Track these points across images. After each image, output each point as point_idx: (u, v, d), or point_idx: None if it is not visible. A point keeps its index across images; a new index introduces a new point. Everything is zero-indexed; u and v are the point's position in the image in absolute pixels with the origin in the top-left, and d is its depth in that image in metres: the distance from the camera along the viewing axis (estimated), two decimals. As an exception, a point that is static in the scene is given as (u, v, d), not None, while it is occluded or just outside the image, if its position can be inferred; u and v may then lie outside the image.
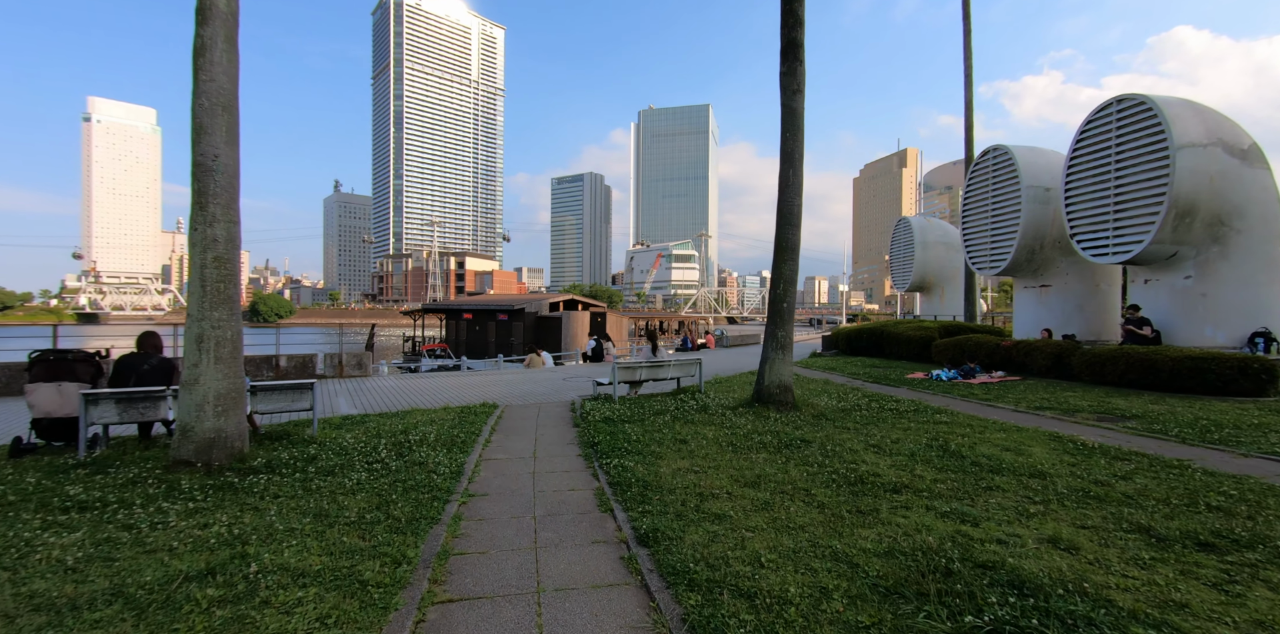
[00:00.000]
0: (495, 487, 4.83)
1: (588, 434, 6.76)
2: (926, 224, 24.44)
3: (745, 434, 6.37)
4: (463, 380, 12.76)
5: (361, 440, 6.05)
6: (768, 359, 7.98)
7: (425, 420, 7.45)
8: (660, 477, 4.80)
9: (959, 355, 14.11)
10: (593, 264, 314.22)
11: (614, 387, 9.15)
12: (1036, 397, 9.50)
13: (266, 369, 11.80)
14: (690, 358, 10.09)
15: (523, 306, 31.86)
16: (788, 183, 7.97)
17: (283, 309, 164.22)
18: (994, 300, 61.70)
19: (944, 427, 6.86)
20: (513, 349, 32.02)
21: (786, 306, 7.97)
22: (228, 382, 4.80)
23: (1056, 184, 13.50)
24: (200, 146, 4.73)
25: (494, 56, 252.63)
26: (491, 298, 45.05)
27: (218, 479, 4.50)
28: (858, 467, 4.98)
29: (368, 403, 9.51)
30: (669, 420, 7.28)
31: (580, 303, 36.70)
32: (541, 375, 13.77)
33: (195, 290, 4.72)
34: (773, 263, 8.11)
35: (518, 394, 10.67)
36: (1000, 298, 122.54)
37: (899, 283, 25.59)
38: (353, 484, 4.52)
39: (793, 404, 7.86)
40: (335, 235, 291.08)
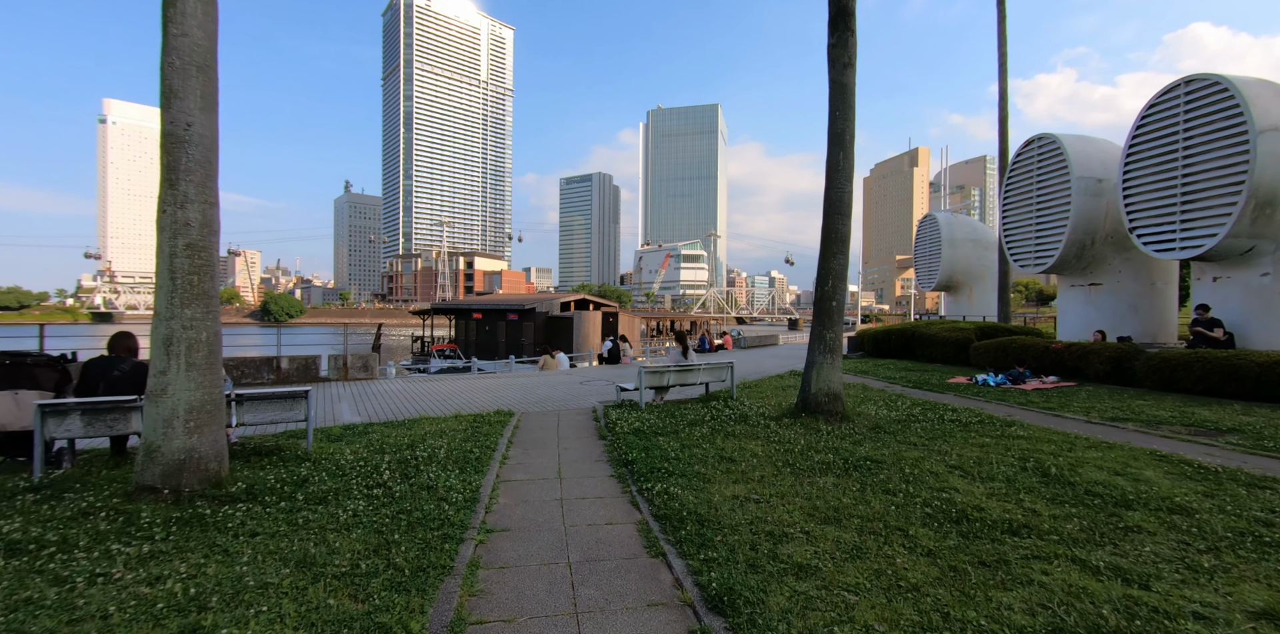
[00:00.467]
0: (517, 518, 4.04)
1: (618, 449, 5.96)
2: (954, 220, 23.43)
3: (800, 451, 5.55)
4: (474, 384, 12.02)
5: (362, 457, 5.29)
6: (814, 364, 7.15)
7: (434, 431, 6.69)
8: (715, 507, 3.99)
9: (1001, 358, 13.19)
10: (601, 264, 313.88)
11: (640, 393, 8.36)
12: (1104, 405, 8.59)
13: (267, 371, 11.12)
14: (721, 361, 9.28)
15: (533, 306, 31.16)
16: (837, 167, 7.13)
17: (293, 309, 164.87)
18: (1010, 301, 60.68)
19: (1023, 442, 6.00)
20: (523, 350, 31.33)
21: (836, 305, 7.14)
22: (202, 392, 4.05)
23: (1110, 175, 12.55)
24: (170, 113, 3.99)
25: (503, 57, 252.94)
26: (501, 297, 44.43)
27: (186, 510, 3.75)
28: (950, 496, 4.15)
29: (372, 409, 8.78)
30: (707, 433, 6.47)
31: (592, 302, 35.96)
32: (557, 378, 13.01)
33: (163, 284, 3.98)
34: (820, 256, 7.28)
35: (534, 399, 9.91)
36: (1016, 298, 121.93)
37: (924, 282, 24.60)
38: (348, 517, 3.76)
39: (843, 414, 7.02)
40: (346, 235, 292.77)
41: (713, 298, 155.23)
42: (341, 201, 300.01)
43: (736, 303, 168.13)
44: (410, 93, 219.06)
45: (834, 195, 7.17)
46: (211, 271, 4.12)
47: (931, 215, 23.81)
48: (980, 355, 13.99)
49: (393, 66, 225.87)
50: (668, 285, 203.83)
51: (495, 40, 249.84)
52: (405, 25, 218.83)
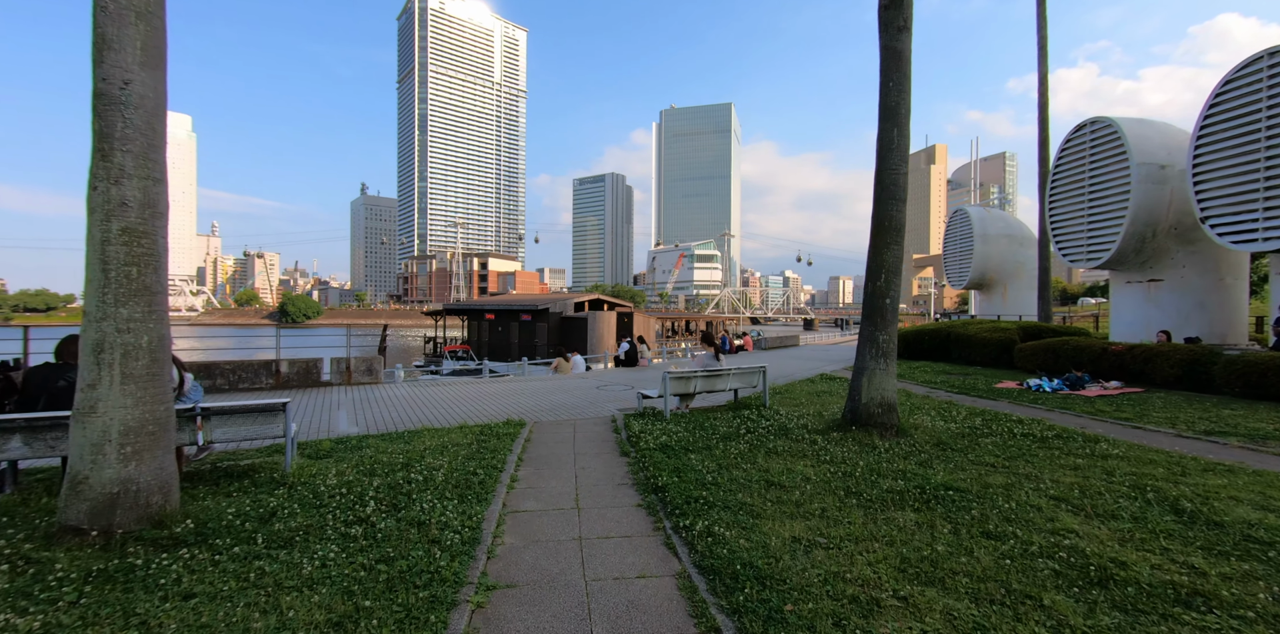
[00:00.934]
0: (526, 568, 3.24)
1: (644, 469, 5.14)
2: (987, 215, 22.27)
3: (861, 475, 4.68)
4: (483, 389, 11.29)
5: (347, 481, 4.52)
6: (865, 370, 6.26)
7: (435, 446, 5.92)
8: (774, 555, 3.16)
9: (1051, 361, 12.15)
10: (614, 264, 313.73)
11: (665, 401, 7.54)
12: (1188, 416, 7.59)
13: (266, 376, 10.47)
14: (753, 366, 8.42)
15: (546, 307, 30.47)
16: (891, 145, 6.25)
17: (310, 310, 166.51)
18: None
19: (1122, 464, 5.07)
20: (536, 351, 30.64)
21: (889, 303, 6.25)
22: (142, 409, 3.30)
23: (1175, 160, 11.47)
24: (103, 68, 3.26)
25: (516, 59, 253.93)
26: (514, 297, 43.86)
27: (113, 559, 3.00)
28: (1074, 543, 3.27)
29: (372, 418, 8.06)
30: (746, 450, 5.62)
31: (606, 302, 35.19)
32: (572, 383, 12.24)
33: (93, 277, 3.24)
34: (870, 248, 6.40)
35: (547, 406, 9.13)
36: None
37: (954, 280, 23.45)
38: (314, 568, 2.98)
39: (898, 427, 6.14)
40: (362, 237, 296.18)
41: (726, 298, 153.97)
42: (358, 204, 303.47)
43: (750, 303, 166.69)
44: (425, 95, 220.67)
45: (887, 177, 6.28)
46: (156, 263, 3.39)
47: (963, 210, 22.67)
48: (1027, 358, 12.95)
49: (408, 69, 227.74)
50: (681, 285, 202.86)
51: (508, 42, 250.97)
52: (420, 28, 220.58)
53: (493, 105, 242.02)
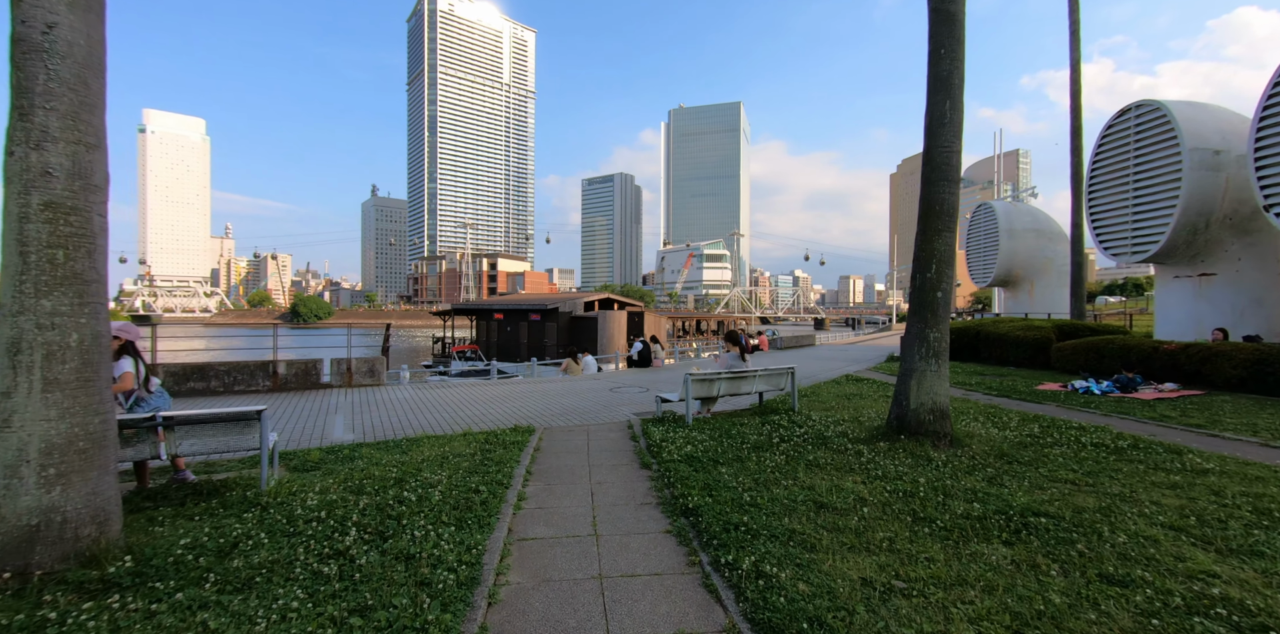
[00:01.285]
0: (535, 620, 2.61)
1: (669, 485, 4.50)
2: (1013, 209, 21.41)
3: (925, 494, 4.01)
4: (491, 391, 10.71)
5: (330, 500, 3.92)
6: (914, 372, 5.59)
7: (434, 457, 5.33)
8: (846, 607, 2.51)
9: (1094, 361, 11.37)
10: (623, 264, 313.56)
11: (686, 405, 6.90)
12: (1268, 422, 6.84)
13: (263, 377, 9.95)
14: (780, 367, 7.76)
15: (556, 306, 29.94)
16: (943, 119, 5.57)
17: (321, 311, 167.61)
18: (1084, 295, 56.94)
19: (1226, 481, 4.36)
20: (546, 351, 30.11)
21: (941, 296, 5.57)
22: (70, 422, 2.72)
23: (1231, 145, 10.66)
24: (21, 7, 2.68)
25: (525, 59, 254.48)
26: (523, 297, 43.39)
27: (21, 611, 2.41)
28: (1225, 591, 2.59)
29: (371, 424, 7.49)
30: (783, 462, 4.97)
31: (616, 302, 34.61)
32: (583, 385, 11.63)
33: (10, 262, 2.66)
34: (918, 235, 5.73)
35: (558, 410, 8.52)
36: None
37: (977, 277, 22.59)
38: (270, 624, 2.38)
39: (952, 436, 5.46)
40: (373, 238, 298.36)
41: (736, 297, 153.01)
42: (369, 205, 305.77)
43: (760, 302, 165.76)
44: (434, 97, 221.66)
45: (938, 156, 5.60)
46: (89, 246, 2.81)
47: (987, 205, 21.82)
48: (1066, 358, 12.17)
49: (417, 71, 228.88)
50: (690, 285, 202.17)
51: (517, 43, 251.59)
52: (429, 30, 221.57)
53: (501, 106, 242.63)
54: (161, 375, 9.12)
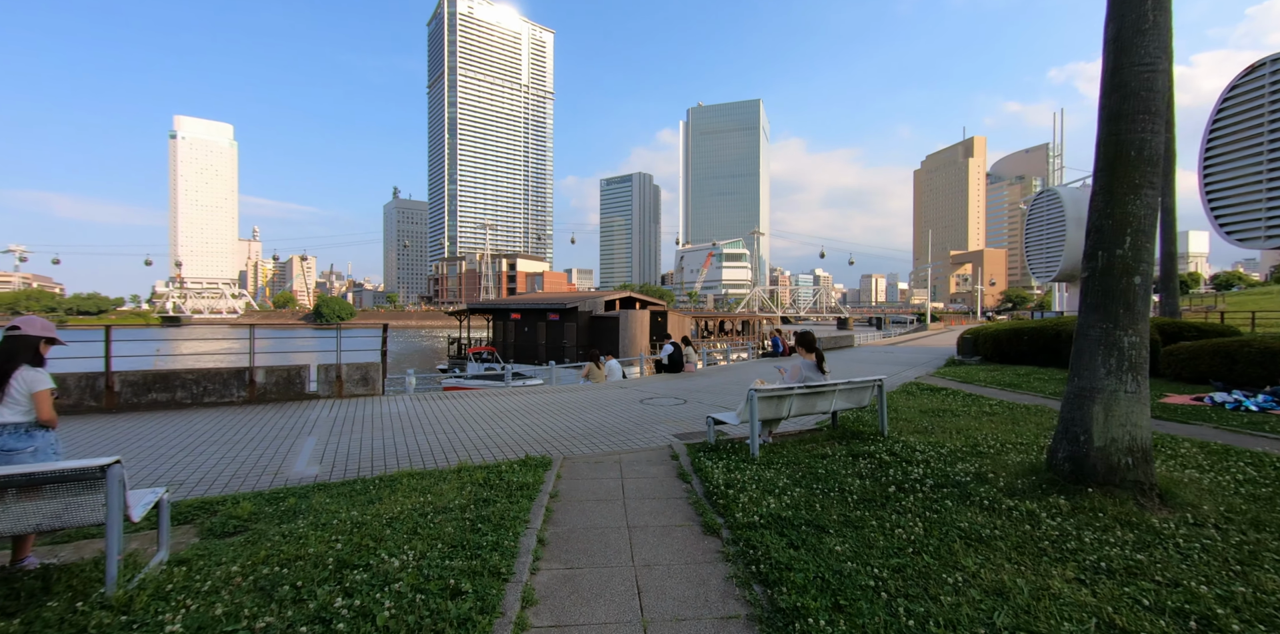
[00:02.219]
0: None
1: (762, 580, 2.83)
2: (1082, 195, 19.24)
3: (1222, 618, 2.30)
4: (503, 402, 9.17)
5: (212, 616, 2.37)
6: (1097, 392, 3.84)
7: (409, 512, 3.73)
8: None
9: (1224, 367, 9.40)
10: (642, 264, 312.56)
11: (752, 432, 5.22)
12: None
13: (238, 387, 8.54)
14: (865, 379, 6.04)
15: (575, 305, 28.45)
16: (1141, 23, 3.81)
17: (344, 311, 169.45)
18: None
19: None
20: (565, 352, 28.64)
21: (1139, 283, 3.82)
22: None
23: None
24: None
25: (543, 60, 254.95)
26: (541, 296, 42.02)
27: None
28: None
29: (347, 450, 5.96)
30: (921, 532, 3.26)
31: (638, 301, 33.03)
32: (608, 394, 10.04)
33: None
34: (1097, 195, 3.98)
35: (579, 429, 6.92)
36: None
37: (1039, 272, 20.45)
38: None
39: (1157, 488, 3.71)
40: (394, 240, 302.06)
41: (757, 297, 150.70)
42: (390, 207, 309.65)
43: (781, 302, 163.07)
44: (454, 99, 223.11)
45: (1133, 78, 3.84)
46: None
47: (1052, 191, 19.67)
48: (1182, 363, 10.20)
49: (437, 74, 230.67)
50: (710, 284, 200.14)
51: (535, 44, 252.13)
52: (449, 33, 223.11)
53: (520, 107, 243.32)
54: (119, 386, 7.75)
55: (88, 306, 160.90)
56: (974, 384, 10.96)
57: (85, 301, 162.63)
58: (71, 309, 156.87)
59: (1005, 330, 15.25)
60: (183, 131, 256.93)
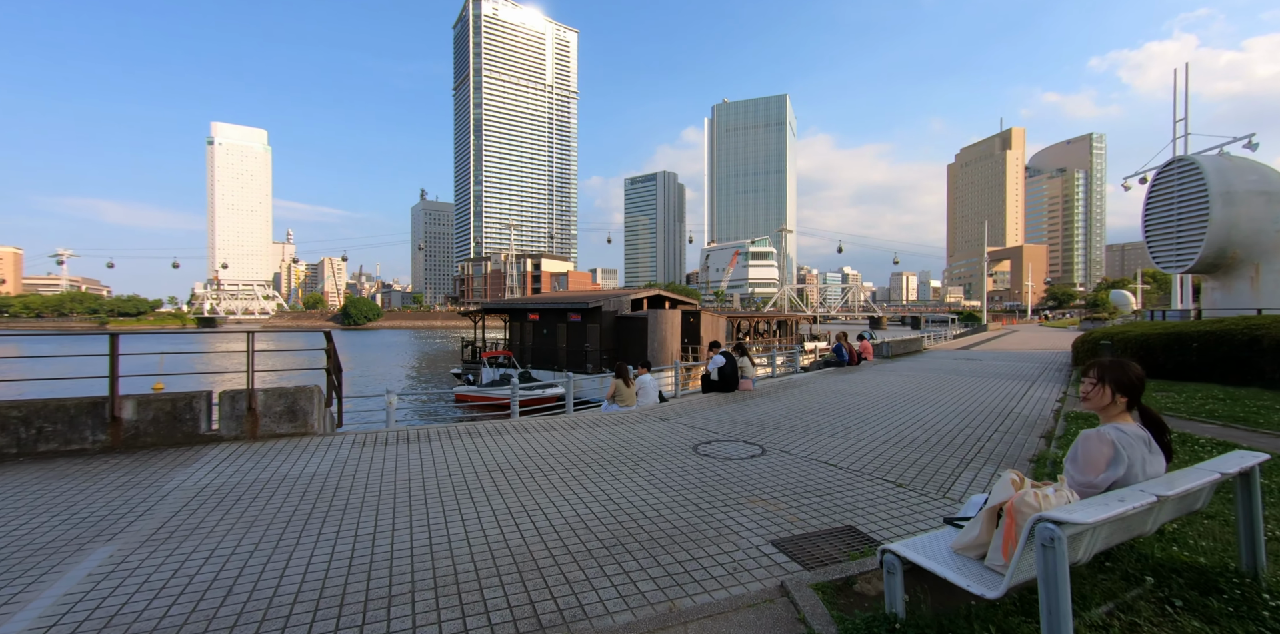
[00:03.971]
0: None
1: None
2: (1229, 165, 15.38)
3: None
4: (485, 452, 6.18)
5: None
6: None
7: None
8: None
9: None
10: (667, 263, 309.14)
11: (1054, 609, 2.04)
12: None
13: (94, 425, 5.71)
14: (1218, 468, 2.85)
15: (599, 304, 25.43)
16: None
17: (371, 312, 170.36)
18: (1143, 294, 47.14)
19: None
20: (587, 357, 25.69)
21: None
22: None
23: None
24: None
25: (567, 60, 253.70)
26: (561, 295, 39.19)
27: None
28: None
29: (132, 595, 3.02)
30: None
31: (668, 299, 29.87)
32: (646, 433, 6.93)
33: None
34: None
35: (600, 525, 3.81)
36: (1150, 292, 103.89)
37: (1168, 260, 16.60)
38: None
39: None
40: (422, 241, 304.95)
41: (785, 296, 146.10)
42: (418, 209, 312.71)
43: (810, 301, 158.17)
44: (480, 101, 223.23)
45: None
46: None
47: (1189, 161, 15.82)
48: None
49: (463, 76, 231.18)
50: (736, 283, 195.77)
51: (559, 44, 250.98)
52: (474, 35, 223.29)
53: (544, 107, 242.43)
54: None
55: (128, 308, 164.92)
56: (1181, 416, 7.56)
57: (125, 303, 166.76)
58: (113, 311, 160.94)
59: (1158, 335, 11.65)
60: (220, 137, 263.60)
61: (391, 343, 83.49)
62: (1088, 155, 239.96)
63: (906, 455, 5.62)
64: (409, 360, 52.27)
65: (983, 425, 7.25)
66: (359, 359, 51.32)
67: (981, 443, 6.25)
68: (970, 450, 5.88)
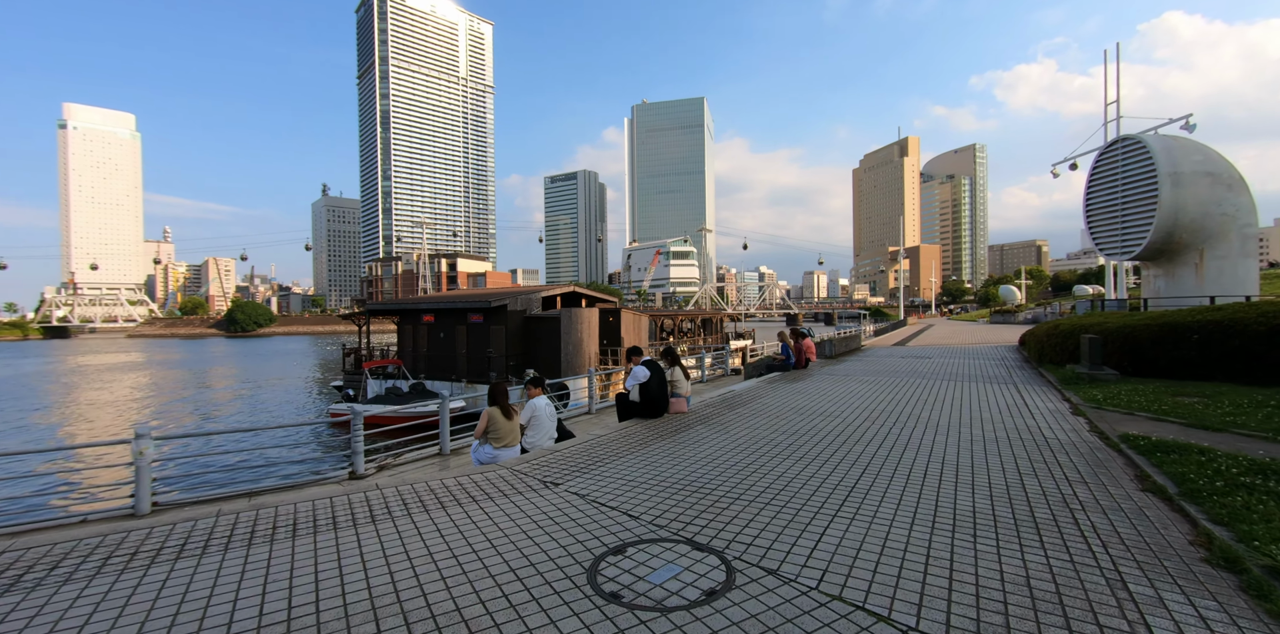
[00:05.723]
0: None
1: None
2: (1176, 146, 14.47)
3: None
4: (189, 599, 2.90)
5: None
6: None
7: None
8: None
9: None
10: (589, 264, 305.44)
11: None
12: None
13: None
14: None
15: (504, 303, 21.84)
16: None
17: (262, 317, 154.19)
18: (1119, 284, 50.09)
19: None
20: (490, 364, 22.03)
21: None
22: None
23: None
24: None
25: (482, 53, 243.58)
26: (461, 293, 34.89)
27: None
28: None
29: None
30: None
31: (585, 296, 26.74)
32: (502, 529, 3.87)
33: None
34: None
35: None
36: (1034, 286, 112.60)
37: (1112, 246, 15.60)
38: None
39: None
40: (325, 240, 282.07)
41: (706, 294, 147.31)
42: (319, 206, 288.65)
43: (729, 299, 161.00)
44: (387, 91, 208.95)
45: None
46: None
47: (1136, 140, 14.80)
48: None
49: (368, 65, 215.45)
50: (658, 283, 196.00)
51: (474, 36, 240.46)
52: (379, 21, 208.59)
53: (459, 101, 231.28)
54: None
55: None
56: (1210, 430, 5.54)
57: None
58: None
59: (1145, 327, 10.01)
60: (74, 121, 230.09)
61: (281, 351, 74.24)
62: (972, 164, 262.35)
63: (991, 564, 2.93)
64: (292, 371, 45.45)
65: (1032, 467, 4.79)
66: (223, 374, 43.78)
67: (1078, 509, 3.72)
68: (1085, 536, 3.29)
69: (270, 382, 37.60)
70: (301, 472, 10.64)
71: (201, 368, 49.24)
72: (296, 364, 53.06)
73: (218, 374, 43.55)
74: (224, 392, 33.13)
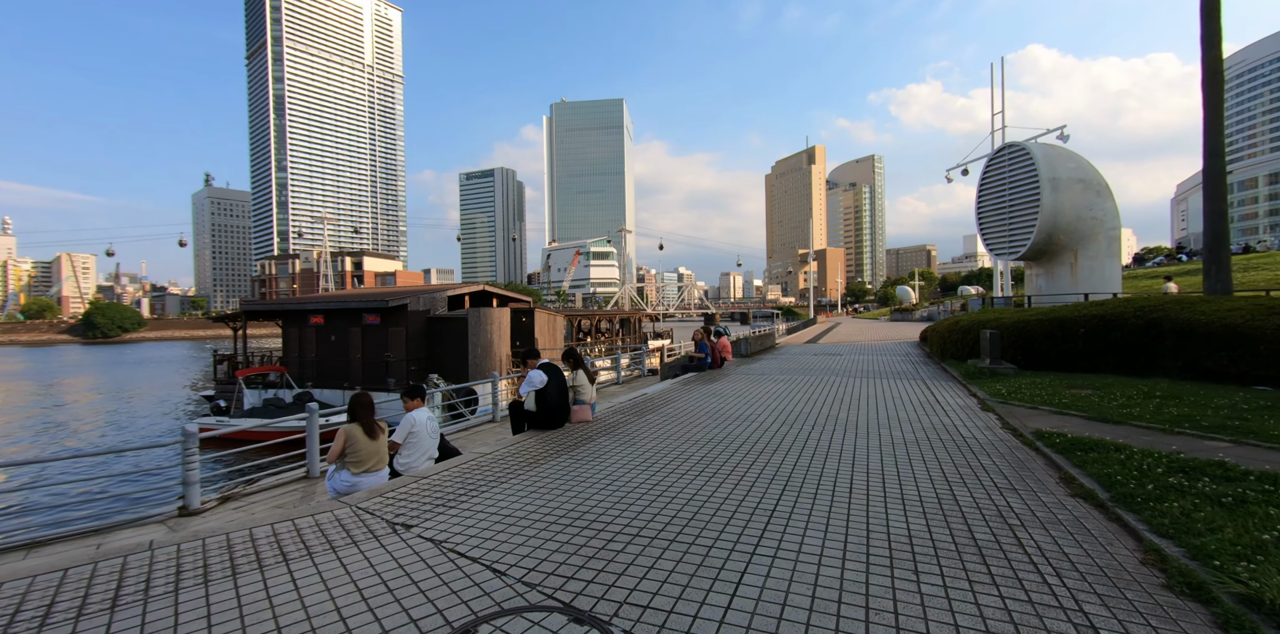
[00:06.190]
0: None
1: None
2: (1054, 154, 15.54)
3: None
4: None
5: None
6: None
7: None
8: None
9: None
10: (507, 264, 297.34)
11: None
12: None
13: None
14: None
15: (404, 303, 19.99)
16: None
17: (128, 321, 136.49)
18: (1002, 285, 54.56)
19: None
20: (389, 370, 20.11)
21: None
22: None
23: None
24: None
25: (390, 40, 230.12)
26: (355, 292, 32.09)
27: None
28: None
29: None
30: None
31: (496, 296, 25.24)
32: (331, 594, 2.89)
33: None
34: None
35: None
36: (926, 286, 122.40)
37: (1000, 246, 16.56)
38: None
39: None
40: (208, 235, 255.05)
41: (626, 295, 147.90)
42: (201, 197, 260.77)
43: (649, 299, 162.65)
44: (281, 74, 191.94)
45: None
46: None
47: (1021, 147, 15.76)
48: None
49: (258, 44, 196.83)
50: (578, 283, 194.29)
51: (381, 21, 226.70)
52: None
53: (364, 90, 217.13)
54: None
55: None
56: (1092, 421, 5.55)
57: None
58: None
59: (1037, 322, 10.41)
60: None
61: (151, 359, 65.40)
62: (872, 173, 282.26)
63: (944, 616, 2.34)
64: (161, 381, 39.87)
65: (959, 473, 4.41)
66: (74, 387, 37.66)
67: (1016, 525, 3.28)
68: (1035, 562, 2.81)
69: (130, 394, 32.64)
70: (122, 507, 8.74)
71: (46, 379, 42.21)
72: (167, 373, 46.89)
73: (68, 387, 37.40)
74: (73, 408, 28.29)
